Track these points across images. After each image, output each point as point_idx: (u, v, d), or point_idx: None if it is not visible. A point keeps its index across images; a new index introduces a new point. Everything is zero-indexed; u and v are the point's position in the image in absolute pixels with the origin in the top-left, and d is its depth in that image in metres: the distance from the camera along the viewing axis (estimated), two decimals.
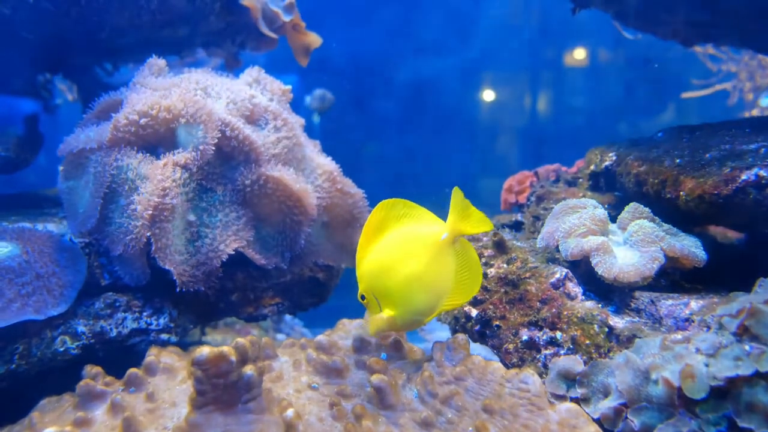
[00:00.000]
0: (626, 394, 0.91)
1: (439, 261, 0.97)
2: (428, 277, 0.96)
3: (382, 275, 0.96)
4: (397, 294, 0.96)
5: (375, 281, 0.96)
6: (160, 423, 0.95)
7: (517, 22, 4.75)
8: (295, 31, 1.96)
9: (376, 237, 0.97)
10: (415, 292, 0.96)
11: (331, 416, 0.95)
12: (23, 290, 1.17)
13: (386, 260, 0.96)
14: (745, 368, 0.80)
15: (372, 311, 0.98)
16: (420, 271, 0.95)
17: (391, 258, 0.96)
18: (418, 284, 0.95)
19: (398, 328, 1.02)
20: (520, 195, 1.97)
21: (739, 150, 1.16)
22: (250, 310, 1.48)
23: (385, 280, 0.96)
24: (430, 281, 0.96)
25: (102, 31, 1.69)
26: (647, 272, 1.08)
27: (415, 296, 0.96)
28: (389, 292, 0.96)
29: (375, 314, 0.98)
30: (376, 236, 0.97)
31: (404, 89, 4.70)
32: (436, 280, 0.97)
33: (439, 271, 0.97)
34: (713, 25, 1.67)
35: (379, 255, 0.96)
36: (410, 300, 0.96)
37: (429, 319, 1.00)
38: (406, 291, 0.95)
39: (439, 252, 0.97)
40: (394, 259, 0.96)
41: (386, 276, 0.95)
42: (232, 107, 1.37)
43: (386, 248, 0.96)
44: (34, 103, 2.15)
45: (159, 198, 1.19)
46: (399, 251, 0.96)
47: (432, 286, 0.96)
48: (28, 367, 1.17)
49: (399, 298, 0.96)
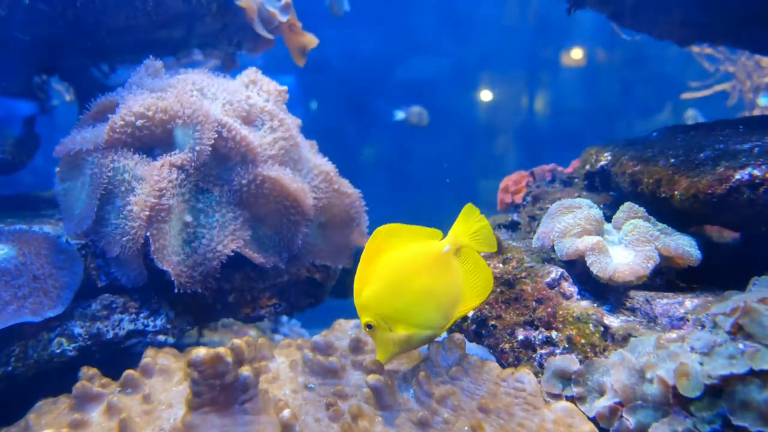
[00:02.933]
0: (621, 392, 0.91)
1: (447, 271, 0.97)
2: (439, 289, 0.96)
3: (391, 298, 0.94)
4: (410, 312, 0.94)
5: (384, 306, 0.94)
6: (156, 424, 0.95)
7: (513, 23, 4.76)
8: (291, 31, 1.96)
9: (374, 264, 0.95)
10: (429, 306, 0.95)
11: (328, 417, 0.95)
12: (19, 292, 1.17)
13: (392, 282, 0.94)
14: (739, 366, 0.81)
15: (381, 337, 0.95)
16: (430, 285, 0.95)
17: (397, 279, 0.95)
18: (430, 298, 0.95)
19: (414, 347, 1.00)
20: (516, 195, 1.97)
21: (733, 149, 1.17)
22: (247, 311, 1.48)
23: (396, 302, 0.94)
24: (442, 292, 0.96)
25: (98, 32, 1.69)
26: (642, 271, 1.09)
27: (429, 310, 0.95)
28: (401, 313, 0.94)
29: (384, 339, 0.95)
30: (374, 263, 0.95)
31: (401, 89, 4.71)
32: (447, 290, 0.97)
33: (448, 280, 0.97)
34: (708, 25, 1.68)
35: (383, 279, 0.94)
36: (425, 315, 0.95)
37: (444, 330, 0.99)
38: (420, 307, 0.95)
39: (445, 263, 0.97)
40: (401, 280, 0.95)
41: (396, 298, 0.94)
42: (229, 108, 1.38)
43: (390, 271, 0.95)
44: (30, 104, 2.15)
45: (155, 199, 1.19)
46: (404, 271, 0.95)
47: (444, 296, 0.96)
48: (24, 369, 1.17)
49: (412, 316, 0.94)
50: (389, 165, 4.71)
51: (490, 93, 4.80)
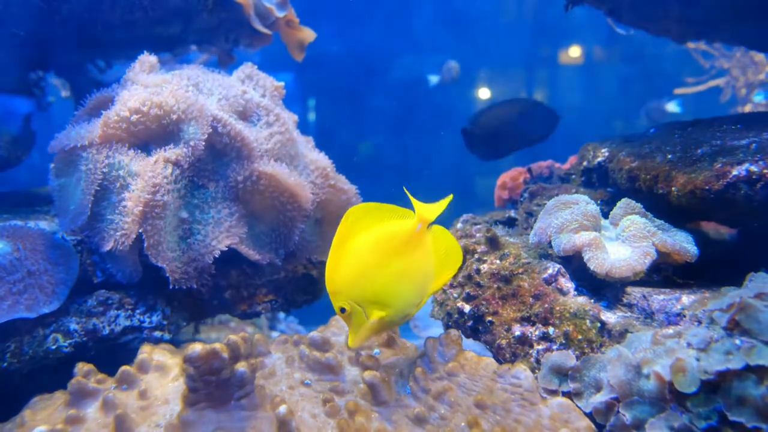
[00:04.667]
0: (618, 388, 0.91)
1: (419, 249, 0.96)
2: (413, 268, 0.95)
3: (365, 281, 0.93)
4: (385, 294, 0.93)
5: (358, 289, 0.93)
6: (152, 420, 0.95)
7: (511, 20, 4.75)
8: (288, 27, 1.96)
9: (346, 247, 0.94)
10: (404, 286, 0.94)
11: (324, 413, 0.95)
12: (14, 288, 1.16)
13: (366, 265, 0.93)
14: (735, 362, 0.81)
15: (356, 321, 0.94)
16: (404, 265, 0.94)
17: (370, 262, 0.93)
18: (405, 278, 0.94)
19: (388, 328, 1.00)
20: (513, 191, 1.97)
21: (730, 146, 1.17)
22: (243, 307, 1.48)
23: (370, 285, 0.93)
24: (415, 271, 0.95)
25: (94, 27, 1.68)
26: (639, 267, 1.08)
27: (404, 290, 0.95)
28: (376, 295, 0.93)
29: (360, 323, 0.94)
30: (346, 246, 0.94)
31: (399, 86, 4.71)
32: (421, 268, 0.96)
33: (421, 259, 0.96)
34: (705, 21, 1.68)
35: (356, 263, 0.93)
36: (400, 295, 0.94)
37: (418, 309, 0.99)
38: (394, 288, 0.94)
39: (417, 241, 0.96)
40: (374, 262, 0.93)
41: (370, 281, 0.93)
42: (225, 103, 1.37)
43: (362, 254, 0.94)
44: (26, 100, 2.14)
45: (150, 195, 1.19)
46: (377, 253, 0.94)
47: (418, 275, 0.96)
48: (19, 365, 1.17)
49: (388, 297, 0.93)
50: (386, 162, 4.70)
51: (488, 90, 4.80)
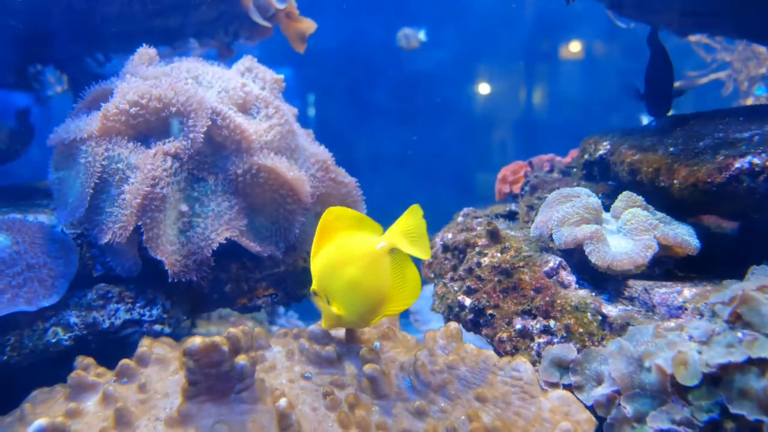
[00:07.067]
0: (619, 381, 0.91)
1: (375, 268, 0.99)
2: (366, 283, 0.98)
3: (329, 276, 0.99)
4: (341, 296, 0.99)
5: (324, 281, 0.99)
6: (152, 413, 0.94)
7: (512, 15, 4.73)
8: (288, 18, 1.94)
9: (325, 239, 1.00)
10: (355, 297, 0.98)
11: (325, 406, 0.94)
12: (14, 281, 1.16)
13: (332, 263, 0.99)
14: (737, 355, 0.80)
15: (324, 307, 1.01)
16: (358, 277, 0.98)
17: (336, 261, 0.99)
18: (357, 289, 0.98)
19: (346, 326, 1.06)
20: (514, 185, 1.96)
21: (733, 138, 1.16)
22: (243, 301, 1.47)
23: (332, 281, 0.99)
24: (367, 286, 0.98)
25: (93, 20, 1.67)
26: (640, 260, 1.08)
27: (355, 300, 0.99)
28: (335, 293, 0.99)
29: (326, 311, 1.01)
30: (326, 238, 1.00)
31: (399, 81, 4.69)
32: (373, 286, 0.99)
33: (376, 277, 0.99)
34: (707, 14, 1.67)
35: (326, 257, 0.99)
36: (351, 303, 0.99)
37: (374, 323, 1.03)
38: (348, 294, 0.98)
39: (375, 260, 0.99)
40: (338, 263, 0.99)
41: (332, 278, 0.99)
42: (224, 96, 1.36)
43: (333, 251, 0.99)
44: (25, 94, 2.14)
45: (149, 187, 1.18)
46: (342, 256, 0.99)
47: (370, 291, 0.99)
48: (19, 359, 1.17)
49: (342, 300, 0.99)
50: (386, 155, 4.69)
51: (489, 85, 4.79)
